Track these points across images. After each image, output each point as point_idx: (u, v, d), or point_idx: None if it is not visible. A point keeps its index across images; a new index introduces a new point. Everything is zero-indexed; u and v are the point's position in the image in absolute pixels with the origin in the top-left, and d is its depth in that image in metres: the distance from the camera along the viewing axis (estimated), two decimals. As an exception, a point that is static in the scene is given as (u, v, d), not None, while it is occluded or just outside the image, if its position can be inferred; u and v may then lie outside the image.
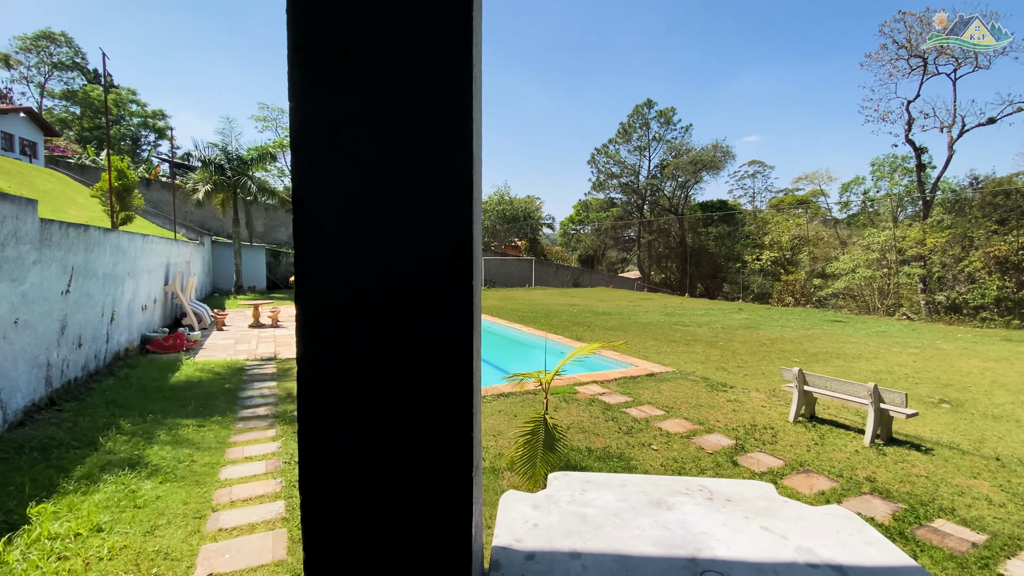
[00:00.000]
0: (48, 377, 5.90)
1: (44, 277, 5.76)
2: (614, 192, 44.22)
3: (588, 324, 15.28)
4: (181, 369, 8.24)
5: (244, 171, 22.57)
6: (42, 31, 39.07)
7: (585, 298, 25.69)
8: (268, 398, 6.85)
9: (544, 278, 38.00)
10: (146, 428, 5.32)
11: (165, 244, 12.23)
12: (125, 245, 8.75)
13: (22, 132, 25.60)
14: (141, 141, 46.34)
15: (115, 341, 8.37)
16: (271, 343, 11.03)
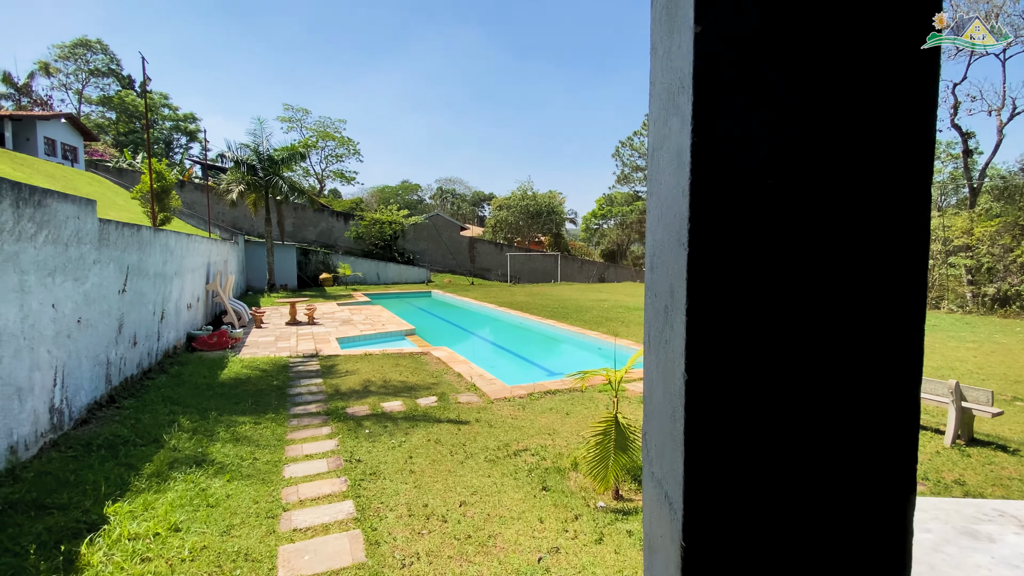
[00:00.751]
0: (108, 375, 6.01)
1: (103, 277, 5.85)
2: (639, 185, 43.54)
3: (622, 320, 15.03)
4: (228, 366, 8.34)
5: (275, 171, 22.88)
6: (79, 39, 40.37)
7: (613, 293, 25.35)
8: (317, 395, 6.86)
9: (569, 273, 37.69)
10: (206, 425, 5.36)
11: (206, 244, 12.44)
12: (172, 245, 8.89)
13: (63, 137, 26.49)
14: (173, 144, 47.58)
15: (165, 339, 8.52)
16: (311, 340, 11.12)
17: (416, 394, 6.94)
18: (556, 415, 6.08)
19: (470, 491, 4.04)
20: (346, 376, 7.95)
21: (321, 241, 33.50)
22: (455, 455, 4.77)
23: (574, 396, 6.92)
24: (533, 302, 20.15)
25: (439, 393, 6.98)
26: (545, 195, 41.36)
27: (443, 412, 6.13)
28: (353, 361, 9.05)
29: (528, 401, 6.65)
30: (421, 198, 68.57)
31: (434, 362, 9.10)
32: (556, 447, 5.03)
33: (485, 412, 6.15)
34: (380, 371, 8.28)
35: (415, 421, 5.77)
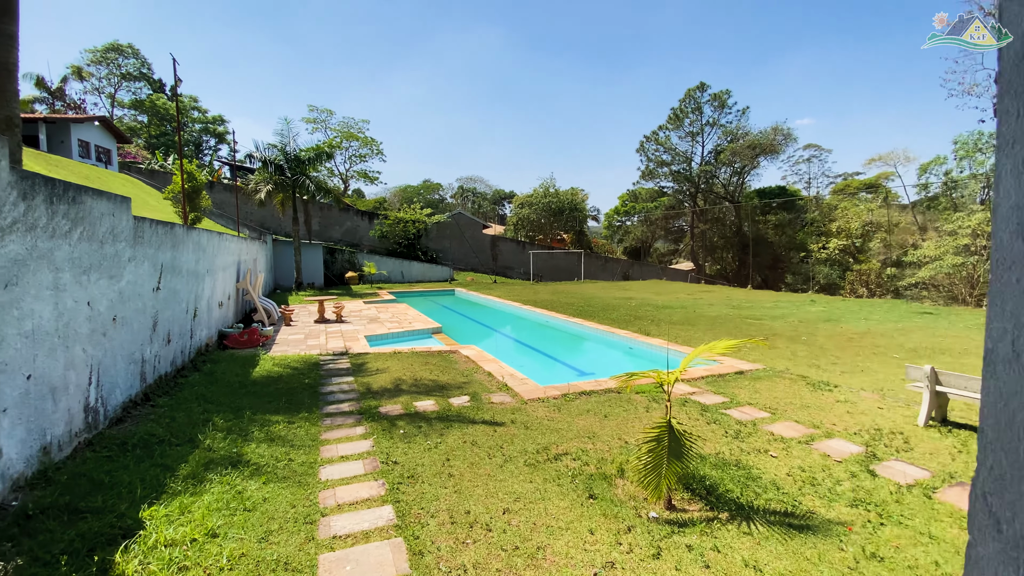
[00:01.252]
0: (143, 373, 5.99)
1: (138, 274, 5.83)
2: (664, 180, 42.80)
3: (651, 318, 14.64)
4: (260, 364, 8.32)
5: (302, 171, 23.10)
6: (111, 43, 41.62)
7: (639, 291, 24.88)
8: (349, 393, 6.75)
9: (592, 271, 37.26)
10: (240, 424, 5.28)
11: (236, 242, 12.54)
12: (204, 243, 8.92)
13: (97, 140, 27.25)
14: (203, 146, 48.70)
15: (198, 337, 8.56)
16: (339, 338, 11.08)
17: (448, 393, 6.77)
18: (594, 417, 5.83)
19: (512, 497, 3.83)
20: (377, 374, 7.84)
21: (346, 240, 33.81)
22: (493, 458, 4.57)
23: (610, 397, 6.66)
24: (558, 300, 19.87)
25: (471, 393, 6.80)
26: (567, 192, 40.96)
27: (477, 413, 5.94)
28: (383, 359, 8.95)
29: (563, 402, 6.41)
30: (442, 197, 68.82)
31: (463, 361, 8.93)
32: (598, 451, 4.78)
33: (520, 413, 5.94)
34: (410, 369, 8.15)
35: (449, 422, 5.59)
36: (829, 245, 31.63)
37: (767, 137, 37.10)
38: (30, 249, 3.63)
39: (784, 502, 3.90)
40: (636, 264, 39.29)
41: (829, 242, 31.77)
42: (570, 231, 41.21)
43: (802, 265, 34.17)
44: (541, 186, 40.83)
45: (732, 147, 37.76)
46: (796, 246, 36.50)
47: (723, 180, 41.25)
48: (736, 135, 38.50)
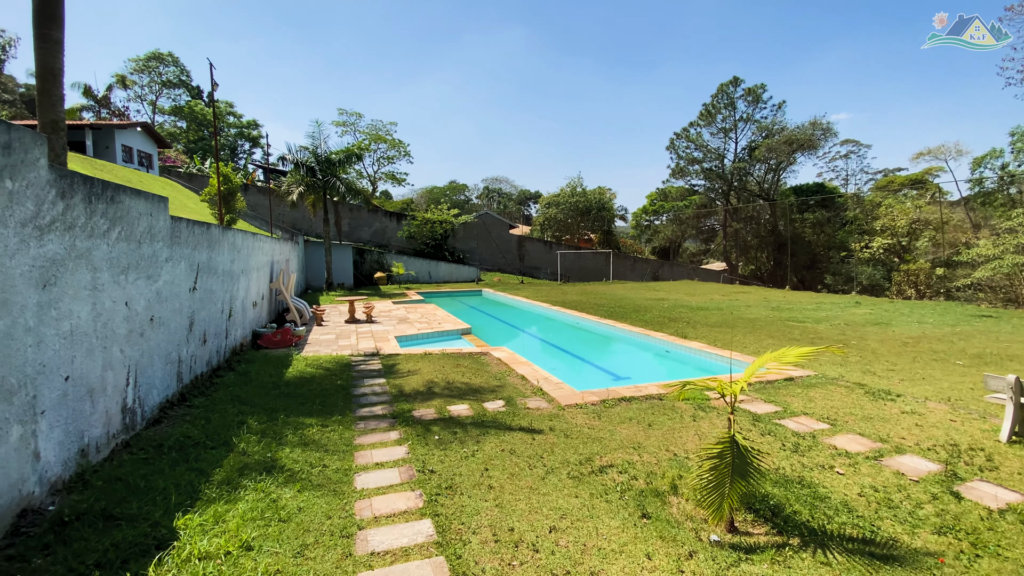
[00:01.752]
0: (179, 373, 5.98)
1: (175, 275, 5.82)
2: (695, 179, 41.77)
3: (687, 320, 14.15)
4: (293, 364, 8.30)
5: (333, 172, 23.36)
6: (152, 53, 43.21)
7: (671, 291, 24.25)
8: (381, 396, 6.62)
9: (621, 272, 36.64)
10: (274, 427, 5.18)
11: (270, 243, 12.66)
12: (239, 243, 8.97)
13: (139, 145, 28.23)
14: (238, 150, 50.08)
15: (232, 337, 8.59)
16: (370, 338, 11.03)
17: (482, 397, 6.56)
18: (637, 426, 5.52)
19: (558, 514, 3.58)
20: (408, 376, 7.70)
21: (375, 241, 34.16)
22: (534, 469, 4.33)
23: (652, 404, 6.32)
24: (587, 301, 19.51)
25: (505, 397, 6.58)
26: (595, 191, 40.41)
27: (513, 419, 5.71)
28: (413, 360, 8.82)
29: (602, 409, 6.12)
30: (468, 198, 69.03)
31: (495, 363, 8.73)
32: (645, 464, 4.48)
33: (558, 420, 5.68)
34: (441, 371, 7.99)
35: (485, 428, 5.38)
36: (873, 244, 30.19)
37: (804, 132, 35.72)
38: (68, 248, 3.57)
39: (860, 527, 3.53)
40: (666, 264, 38.44)
41: (873, 241, 30.34)
42: (598, 231, 40.65)
43: (843, 265, 32.75)
44: (568, 185, 40.42)
45: (767, 143, 36.52)
46: (836, 245, 35.04)
47: (757, 177, 39.96)
48: (771, 131, 37.22)
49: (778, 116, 37.20)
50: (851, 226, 34.38)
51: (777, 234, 37.73)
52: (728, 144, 39.72)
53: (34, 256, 3.17)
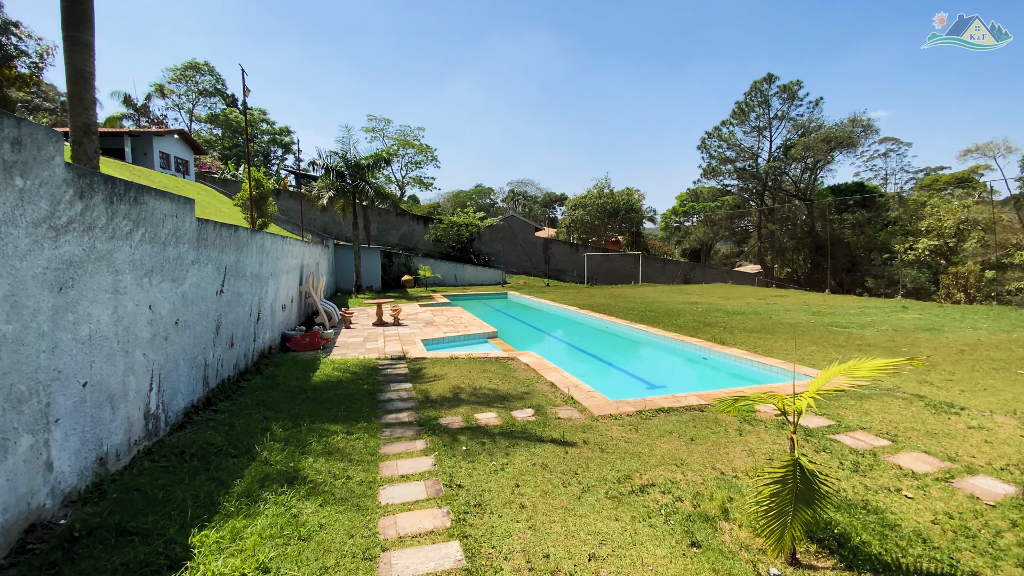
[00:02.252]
0: (205, 377, 5.91)
1: (201, 277, 5.75)
2: (728, 178, 40.62)
3: (723, 325, 13.56)
4: (320, 368, 8.20)
5: (362, 176, 23.55)
6: (189, 62, 44.74)
7: (704, 295, 23.50)
8: (407, 401, 6.42)
9: (650, 274, 35.86)
10: (298, 435, 5.03)
11: (299, 246, 12.70)
12: (268, 246, 8.95)
13: (176, 151, 29.12)
14: (271, 156, 51.35)
15: (261, 340, 8.56)
16: (397, 342, 10.91)
17: (510, 405, 6.29)
18: (678, 441, 5.14)
19: (597, 539, 3.26)
20: (434, 381, 7.49)
21: (402, 244, 34.38)
22: (568, 487, 4.02)
23: (693, 416, 5.92)
24: (616, 304, 19.03)
25: (535, 405, 6.28)
26: (622, 192, 39.72)
27: (543, 429, 5.41)
28: (440, 365, 8.61)
29: (639, 420, 5.75)
30: (493, 201, 69.05)
31: (522, 368, 8.44)
32: (690, 484, 4.11)
33: (592, 432, 5.35)
34: (468, 377, 7.75)
35: (514, 439, 5.09)
36: (918, 245, 28.66)
37: (843, 129, 34.25)
38: (88, 250, 3.47)
39: (939, 560, 3.11)
40: (698, 266, 37.44)
41: (918, 242, 28.80)
42: (625, 233, 39.94)
43: (885, 268, 31.20)
44: (595, 187, 39.85)
45: (804, 141, 35.17)
46: (877, 247, 33.45)
47: (793, 177, 38.56)
48: (808, 128, 35.84)
49: (815, 113, 35.80)
50: (894, 227, 32.77)
51: (814, 235, 36.28)
52: (762, 143, 38.47)
53: (49, 258, 3.06)
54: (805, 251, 37.12)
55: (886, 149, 39.32)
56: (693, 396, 6.68)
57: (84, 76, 7.08)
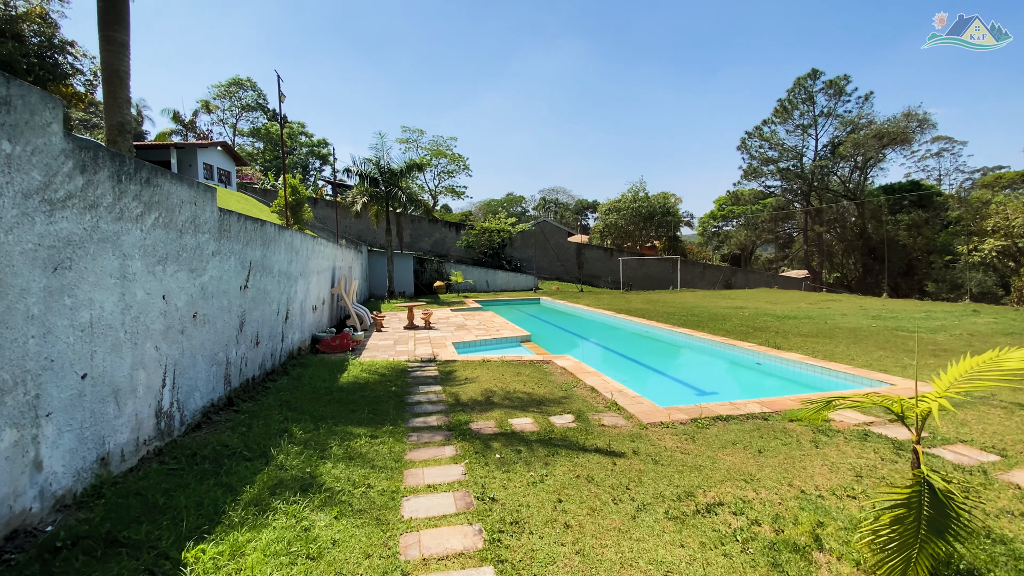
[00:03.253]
0: (227, 376, 5.63)
1: (223, 270, 5.49)
2: (771, 179, 38.93)
3: (775, 329, 12.62)
4: (348, 370, 7.89)
5: (395, 183, 23.60)
6: (233, 79, 46.54)
7: (749, 300, 22.30)
8: (436, 404, 5.98)
9: (689, 280, 34.58)
10: (318, 437, 4.65)
11: (331, 248, 12.58)
12: (298, 245, 8.76)
13: (219, 163, 30.05)
14: (309, 167, 52.73)
15: (289, 340, 8.34)
16: (427, 344, 10.55)
17: (547, 410, 5.75)
18: (744, 453, 4.49)
19: (662, 570, 2.69)
20: (465, 384, 7.03)
21: (435, 251, 34.39)
22: (620, 503, 3.46)
23: (757, 426, 5.24)
24: (654, 309, 18.19)
25: (574, 411, 5.73)
26: (658, 196, 38.63)
27: (586, 437, 4.85)
28: (471, 367, 8.17)
29: (695, 429, 5.12)
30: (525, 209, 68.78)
31: (559, 372, 7.90)
32: (765, 503, 3.48)
33: (641, 442, 4.76)
34: (501, 380, 7.26)
35: (554, 447, 4.56)
36: (983, 246, 26.47)
37: (896, 125, 32.23)
38: (89, 230, 3.18)
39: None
40: (739, 271, 35.88)
41: (983, 243, 26.61)
42: (662, 237, 38.77)
43: (947, 271, 28.99)
44: (630, 191, 38.91)
45: (853, 138, 33.28)
46: (937, 249, 31.21)
47: (841, 177, 36.58)
48: (857, 125, 33.92)
49: (865, 108, 33.85)
50: (955, 227, 30.49)
51: (866, 237, 34.19)
52: (807, 141, 36.67)
53: (41, 234, 2.76)
54: (856, 254, 35.03)
55: (939, 148, 36.84)
56: (753, 403, 5.98)
57: (119, 75, 7.05)
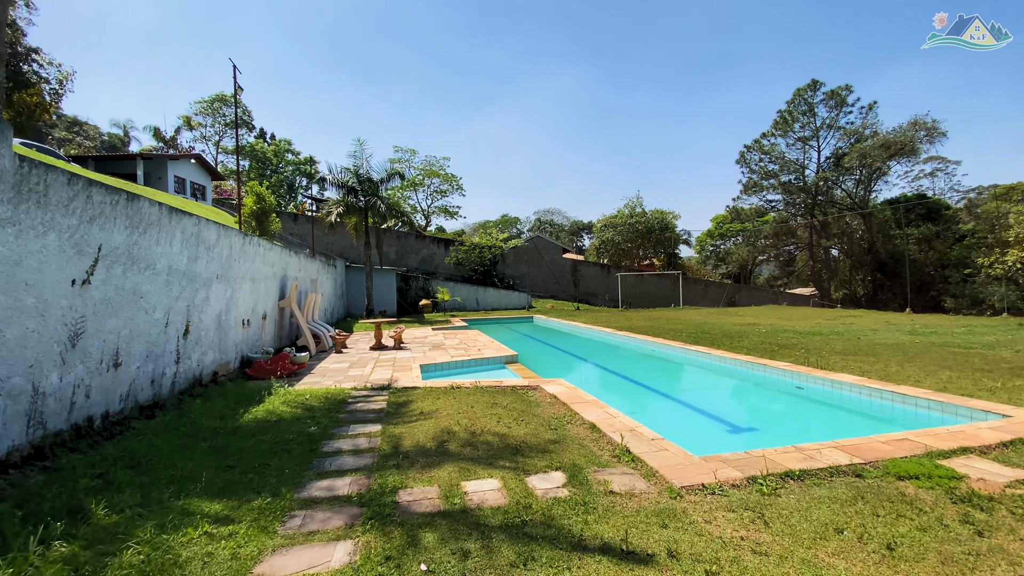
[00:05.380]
0: (32, 414, 3.67)
1: (27, 250, 3.59)
2: (772, 193, 37.54)
3: (803, 346, 10.73)
4: (266, 401, 5.93)
5: (374, 192, 21.90)
6: (216, 95, 45.30)
7: (760, 316, 20.43)
8: (362, 456, 4.02)
9: (691, 297, 32.77)
10: (125, 523, 2.68)
11: (278, 253, 10.69)
12: (212, 239, 6.87)
13: (193, 176, 28.38)
14: (296, 185, 51.24)
15: (193, 361, 6.37)
16: (389, 367, 8.59)
17: (526, 463, 3.81)
18: (864, 551, 2.54)
19: None
20: (417, 421, 5.08)
21: (422, 268, 32.54)
22: None
23: (855, 490, 3.30)
24: (659, 327, 16.27)
25: (567, 465, 3.78)
26: (655, 212, 37.02)
27: (585, 519, 2.90)
28: (434, 396, 6.21)
29: (760, 499, 3.17)
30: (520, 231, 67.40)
31: (547, 402, 5.96)
32: None
33: (676, 524, 2.82)
34: (468, 414, 5.31)
35: (530, 543, 2.61)
36: (1006, 258, 24.88)
37: (904, 134, 31.01)
38: None
39: None
40: (743, 288, 34.13)
41: (1005, 254, 25.03)
42: (660, 254, 37.11)
43: (966, 285, 27.33)
44: (626, 206, 37.40)
45: (859, 148, 31.97)
46: (952, 263, 29.64)
47: (845, 190, 35.24)
48: (861, 135, 32.71)
49: (869, 118, 32.68)
50: (971, 239, 28.97)
51: (875, 252, 32.63)
52: (809, 154, 35.40)
53: None
54: (865, 270, 33.41)
55: (932, 168, 35.45)
56: (830, 448, 4.04)
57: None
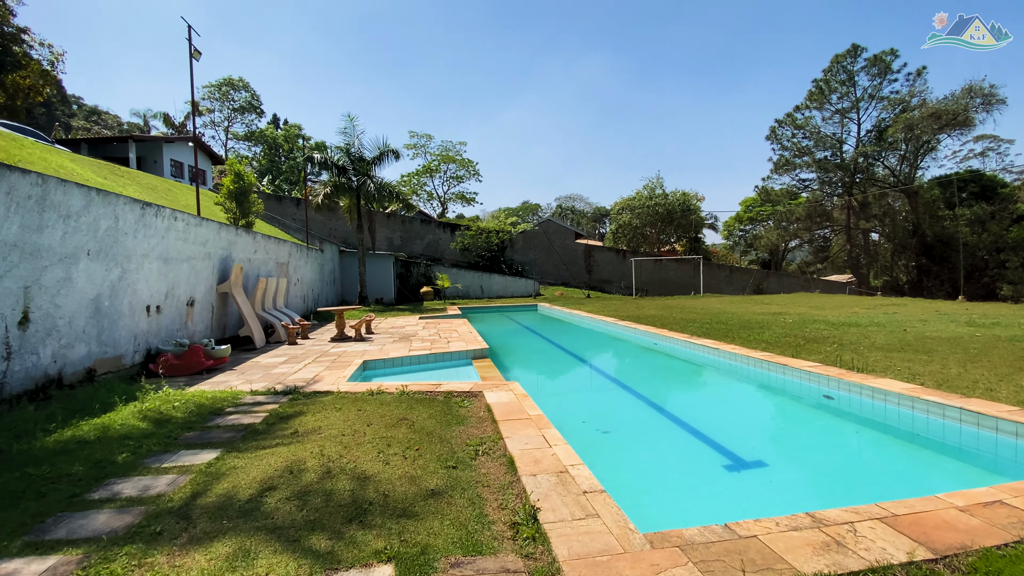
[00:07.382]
0: None
1: None
2: (805, 172, 34.61)
3: (836, 340, 8.85)
4: (117, 409, 4.59)
5: (366, 171, 20.55)
6: (225, 79, 44.60)
7: (788, 305, 18.29)
8: (131, 508, 2.57)
9: (714, 284, 30.50)
10: None
11: (214, 230, 9.36)
12: (73, 206, 5.50)
13: (191, 160, 27.59)
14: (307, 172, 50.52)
15: (43, 357, 5.04)
16: (327, 364, 7.21)
17: (355, 539, 2.29)
18: None
19: None
20: (275, 447, 3.62)
21: (428, 254, 31.22)
22: None
23: None
24: (670, 316, 14.45)
25: (414, 549, 2.26)
26: (676, 193, 34.44)
27: None
28: (334, 407, 4.76)
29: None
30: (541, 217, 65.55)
31: (478, 417, 4.44)
32: None
33: None
34: (352, 437, 3.82)
35: None
36: (1077, 240, 21.87)
37: (956, 103, 27.75)
38: None
39: None
40: (772, 275, 31.63)
41: (1075, 236, 22.01)
42: (682, 239, 34.75)
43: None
44: (645, 187, 35.00)
45: (905, 118, 28.79)
46: (1010, 246, 26.58)
47: (888, 167, 32.12)
48: (908, 105, 29.53)
49: (916, 86, 29.43)
50: (1033, 220, 25.84)
51: (920, 235, 29.65)
52: (848, 127, 32.32)
53: None
54: (908, 254, 30.44)
55: (983, 147, 31.76)
56: (872, 523, 2.35)
57: None
